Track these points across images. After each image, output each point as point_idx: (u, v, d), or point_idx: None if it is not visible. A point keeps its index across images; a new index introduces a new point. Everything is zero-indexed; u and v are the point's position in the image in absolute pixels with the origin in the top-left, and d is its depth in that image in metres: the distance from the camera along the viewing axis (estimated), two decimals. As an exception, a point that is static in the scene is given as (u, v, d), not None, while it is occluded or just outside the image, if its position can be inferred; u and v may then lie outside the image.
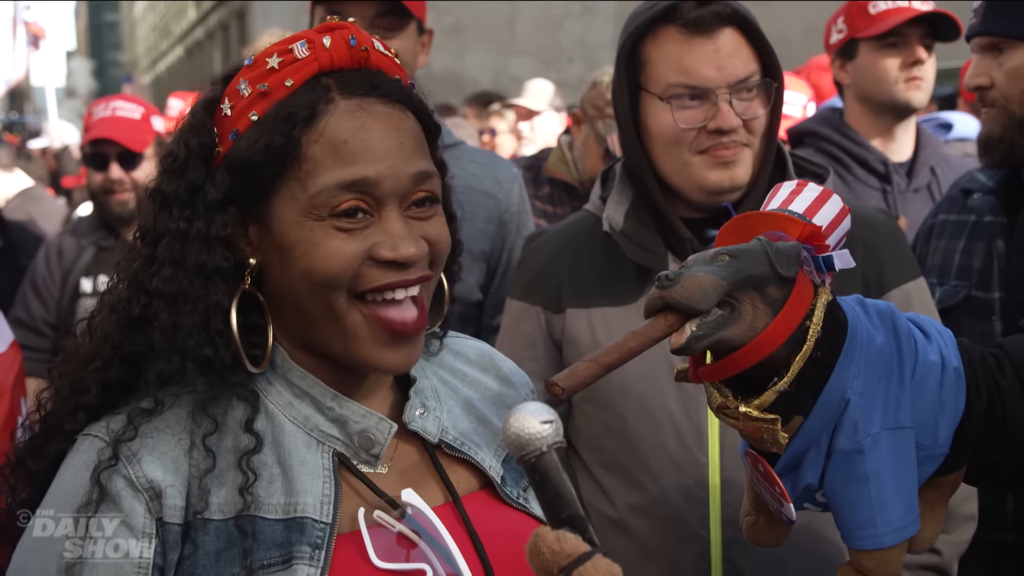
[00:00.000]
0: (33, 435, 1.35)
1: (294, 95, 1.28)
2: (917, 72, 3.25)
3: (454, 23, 19.37)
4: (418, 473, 1.38)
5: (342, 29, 1.31)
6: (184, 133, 1.32)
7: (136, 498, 1.23)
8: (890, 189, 3.25)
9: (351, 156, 1.26)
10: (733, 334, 1.24)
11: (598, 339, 2.04)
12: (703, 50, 1.98)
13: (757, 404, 1.27)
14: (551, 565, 1.12)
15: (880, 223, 2.11)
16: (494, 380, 1.51)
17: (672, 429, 2.00)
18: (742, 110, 1.99)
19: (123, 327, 1.31)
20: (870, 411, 1.29)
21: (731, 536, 1.96)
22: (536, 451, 1.16)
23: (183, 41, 41.88)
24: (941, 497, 1.45)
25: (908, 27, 3.24)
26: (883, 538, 1.31)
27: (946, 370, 1.36)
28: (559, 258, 2.13)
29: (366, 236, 1.27)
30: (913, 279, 2.11)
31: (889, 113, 3.31)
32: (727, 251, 1.27)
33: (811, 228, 1.29)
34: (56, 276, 3.75)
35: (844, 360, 1.28)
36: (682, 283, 1.23)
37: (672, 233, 2.04)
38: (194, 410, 1.28)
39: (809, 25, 16.60)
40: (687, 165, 2.01)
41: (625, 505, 2.04)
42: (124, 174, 3.79)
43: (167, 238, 1.29)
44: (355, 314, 1.28)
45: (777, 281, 1.25)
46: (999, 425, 1.39)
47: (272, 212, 1.29)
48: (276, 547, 1.24)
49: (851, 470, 1.29)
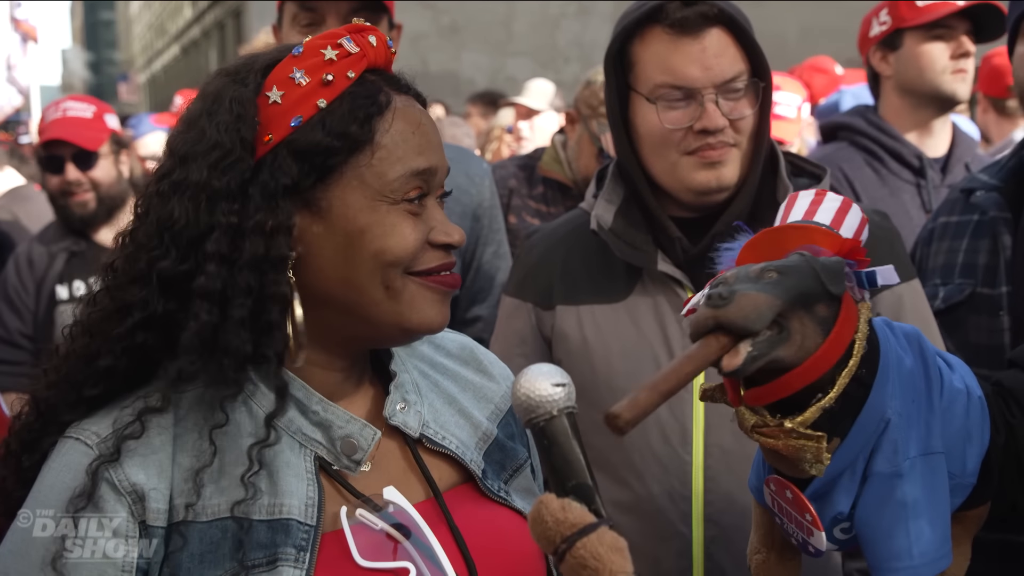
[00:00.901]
0: (29, 428, 1.34)
1: (357, 86, 1.31)
2: (964, 64, 3.24)
3: (450, 23, 19.35)
4: (400, 469, 1.38)
5: (371, 31, 1.35)
6: (230, 125, 1.28)
7: (119, 501, 1.23)
8: (924, 183, 3.23)
9: (418, 146, 1.33)
10: (785, 355, 1.19)
11: (587, 336, 2.04)
12: (689, 50, 1.98)
13: (799, 422, 1.22)
14: (554, 534, 1.08)
15: (875, 224, 2.09)
16: (475, 373, 1.52)
17: (657, 427, 2.00)
18: (729, 110, 1.99)
19: (136, 327, 1.29)
20: (908, 433, 1.25)
21: (713, 534, 1.96)
22: (546, 415, 1.12)
23: (179, 40, 41.83)
24: (966, 532, 1.41)
25: (955, 20, 3.24)
26: (919, 569, 1.25)
27: (971, 398, 1.33)
28: (552, 256, 2.14)
29: (424, 221, 1.33)
30: (907, 281, 2.10)
31: (930, 106, 3.29)
32: (774, 267, 1.21)
33: (851, 243, 1.27)
34: (29, 286, 3.68)
35: (881, 379, 1.25)
36: (737, 302, 1.17)
37: (662, 232, 2.04)
38: (208, 406, 1.27)
39: (805, 26, 16.63)
40: (675, 165, 2.01)
41: (608, 501, 2.02)
42: (81, 174, 3.72)
43: (216, 233, 1.27)
44: (411, 286, 1.32)
45: (826, 299, 1.21)
46: (1015, 463, 1.36)
47: (333, 198, 1.30)
48: (261, 548, 1.24)
49: (888, 495, 1.24)
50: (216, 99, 1.31)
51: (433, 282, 1.33)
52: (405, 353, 1.47)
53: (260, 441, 1.27)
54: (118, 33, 70.13)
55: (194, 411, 1.29)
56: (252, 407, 1.30)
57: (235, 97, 1.30)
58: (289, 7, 2.66)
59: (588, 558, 1.07)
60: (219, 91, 1.32)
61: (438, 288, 1.34)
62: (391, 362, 1.44)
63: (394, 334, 1.36)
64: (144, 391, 1.30)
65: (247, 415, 1.30)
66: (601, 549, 1.07)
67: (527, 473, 1.50)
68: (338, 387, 1.37)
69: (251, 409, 1.30)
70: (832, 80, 5.61)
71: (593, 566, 1.07)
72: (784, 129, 4.68)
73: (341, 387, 1.37)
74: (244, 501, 1.24)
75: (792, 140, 4.71)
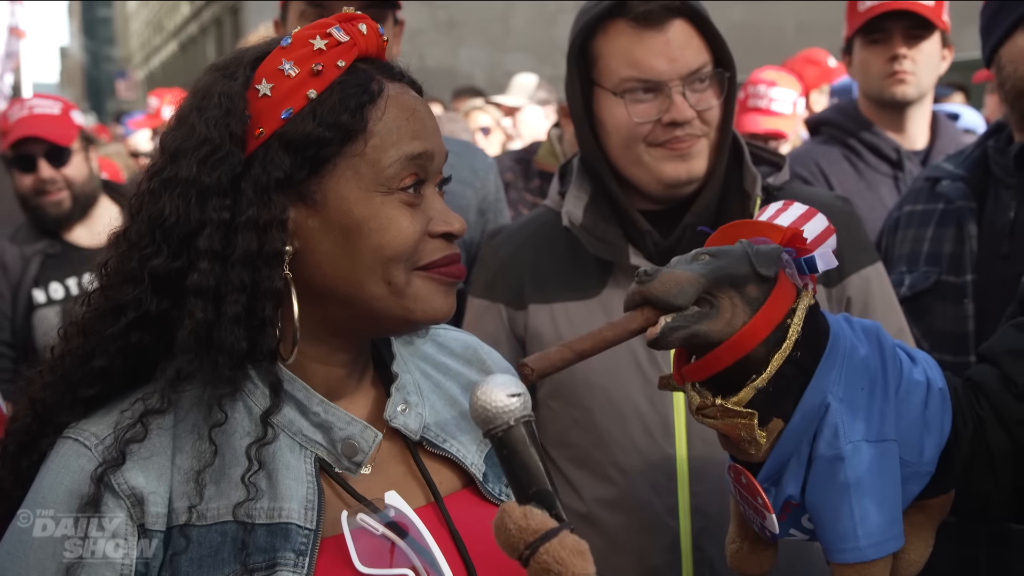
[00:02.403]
0: (27, 429, 1.32)
1: (348, 75, 1.29)
2: (898, 67, 3.24)
3: (448, 18, 19.33)
4: (400, 473, 1.36)
5: (362, 19, 1.33)
6: (219, 120, 1.26)
7: (118, 504, 1.23)
8: (902, 176, 3.25)
9: (413, 131, 1.30)
10: (710, 329, 1.26)
11: (561, 334, 2.03)
12: (654, 43, 1.97)
13: (735, 401, 1.28)
14: (517, 541, 1.11)
15: (837, 209, 2.10)
16: (478, 374, 1.49)
17: (638, 421, 2.00)
18: (696, 101, 1.99)
19: (129, 327, 1.27)
20: (851, 418, 1.29)
21: (701, 526, 1.96)
22: (503, 425, 1.14)
23: (177, 36, 41.78)
24: (929, 520, 1.45)
25: (891, 22, 3.23)
26: (864, 551, 1.29)
27: (931, 390, 1.37)
28: (520, 254, 2.13)
29: (423, 211, 1.30)
30: (871, 264, 2.11)
31: (889, 106, 3.32)
32: (708, 251, 1.29)
33: (792, 231, 1.31)
34: (5, 292, 3.59)
35: (825, 365, 1.29)
36: (660, 279, 1.26)
37: (631, 226, 2.04)
38: (206, 406, 1.26)
39: (803, 20, 16.61)
40: (643, 159, 2.01)
41: (593, 499, 2.05)
42: (55, 171, 3.62)
43: (208, 230, 1.25)
44: (416, 281, 1.30)
45: (757, 280, 1.27)
46: (986, 455, 1.39)
47: (327, 190, 1.27)
48: (260, 552, 1.23)
49: (831, 478, 1.29)
50: (206, 94, 1.29)
51: (438, 274, 1.31)
52: (408, 353, 1.45)
53: (257, 440, 1.26)
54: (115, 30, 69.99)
55: (193, 412, 1.27)
56: (250, 406, 1.28)
57: (224, 91, 1.28)
58: (296, 5, 2.61)
59: (551, 562, 1.09)
60: (209, 86, 1.30)
61: (443, 279, 1.31)
62: (393, 363, 1.42)
63: (398, 326, 1.34)
64: (142, 392, 1.28)
65: (245, 414, 1.28)
66: (563, 553, 1.09)
67: None
68: (339, 384, 1.35)
69: (249, 408, 1.28)
70: (824, 72, 5.62)
71: (556, 570, 1.09)
72: (781, 124, 4.69)
73: (343, 384, 1.35)
74: (245, 503, 1.23)
75: (789, 134, 4.71)
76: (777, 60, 5.85)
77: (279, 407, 1.28)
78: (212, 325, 1.24)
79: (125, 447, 1.24)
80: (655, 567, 2.00)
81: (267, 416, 1.27)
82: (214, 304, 1.24)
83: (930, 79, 3.33)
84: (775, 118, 4.68)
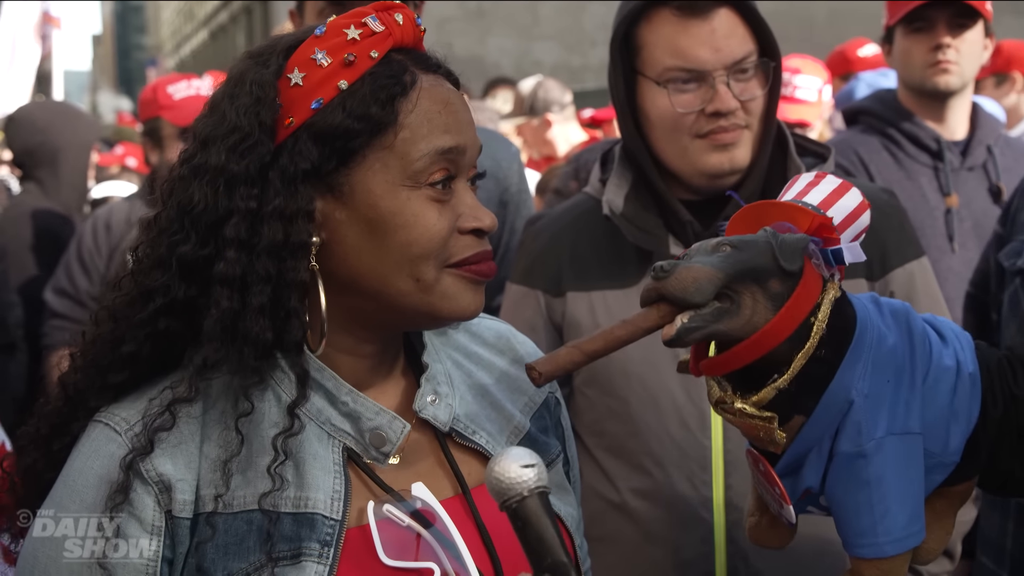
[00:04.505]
0: (58, 412, 1.33)
1: (381, 66, 1.27)
2: (942, 56, 3.21)
3: (476, 7, 19.30)
4: (428, 464, 1.35)
5: (399, 8, 1.31)
6: (250, 108, 1.25)
7: (146, 491, 1.23)
8: (942, 166, 3.22)
9: (444, 125, 1.28)
10: (729, 327, 1.20)
11: (599, 322, 2.02)
12: (698, 32, 1.95)
13: (755, 401, 1.24)
14: None
15: (882, 202, 2.08)
16: (510, 363, 1.48)
17: (675, 412, 1.99)
18: (740, 91, 1.97)
19: (157, 313, 1.27)
20: (875, 414, 1.25)
21: (735, 519, 1.95)
22: (517, 496, 1.13)
23: (207, 24, 41.98)
24: (950, 507, 1.41)
25: (934, 11, 3.20)
26: (884, 547, 1.26)
27: (960, 376, 1.32)
28: (559, 241, 2.12)
29: (452, 207, 1.29)
30: (916, 258, 2.09)
31: (930, 96, 3.28)
32: (729, 241, 1.22)
33: (820, 220, 1.26)
34: (103, 250, 3.74)
35: (850, 360, 1.24)
36: (677, 274, 1.19)
37: (672, 216, 2.02)
38: (234, 395, 1.26)
39: (834, 8, 16.47)
40: (686, 149, 1.99)
41: (628, 489, 2.04)
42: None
43: (235, 218, 1.24)
44: (445, 279, 1.28)
45: (780, 275, 1.21)
46: (1015, 434, 1.34)
47: (355, 183, 1.26)
48: (285, 541, 1.23)
49: (853, 474, 1.25)
50: (239, 82, 1.28)
51: (468, 272, 1.29)
52: (439, 342, 1.44)
53: (284, 431, 1.25)
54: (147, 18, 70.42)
55: (221, 400, 1.27)
56: (280, 395, 1.28)
57: (256, 79, 1.26)
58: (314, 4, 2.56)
59: None
60: (242, 74, 1.28)
61: (473, 277, 1.30)
62: (424, 353, 1.41)
63: (424, 322, 1.34)
64: (171, 380, 1.28)
65: (274, 403, 1.27)
66: None
67: (559, 468, 1.48)
68: (368, 375, 1.34)
69: (279, 396, 1.28)
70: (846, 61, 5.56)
71: None
72: (805, 112, 4.65)
73: (371, 375, 1.35)
74: (271, 493, 1.23)
75: (814, 122, 4.67)
76: (808, 49, 5.79)
77: (306, 398, 1.27)
78: (238, 315, 1.23)
79: (153, 435, 1.24)
80: (688, 560, 1.99)
81: (294, 407, 1.26)
82: (240, 294, 1.24)
83: (973, 69, 3.29)
84: (800, 106, 4.64)
